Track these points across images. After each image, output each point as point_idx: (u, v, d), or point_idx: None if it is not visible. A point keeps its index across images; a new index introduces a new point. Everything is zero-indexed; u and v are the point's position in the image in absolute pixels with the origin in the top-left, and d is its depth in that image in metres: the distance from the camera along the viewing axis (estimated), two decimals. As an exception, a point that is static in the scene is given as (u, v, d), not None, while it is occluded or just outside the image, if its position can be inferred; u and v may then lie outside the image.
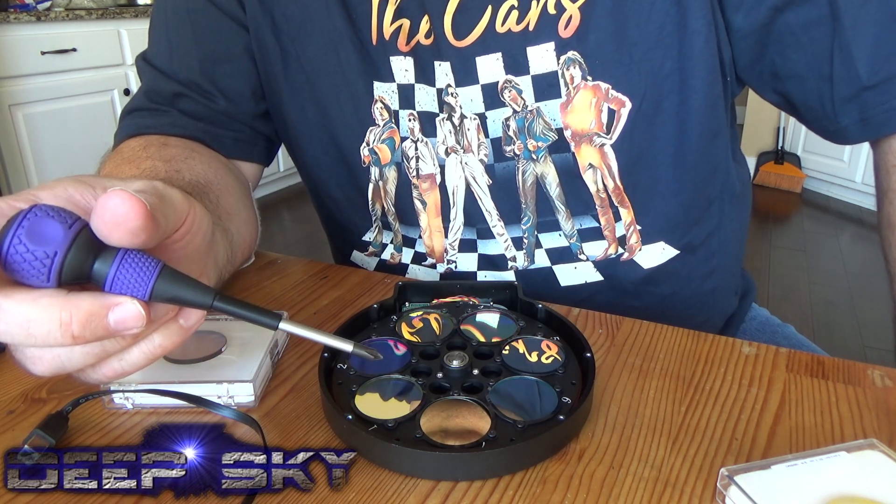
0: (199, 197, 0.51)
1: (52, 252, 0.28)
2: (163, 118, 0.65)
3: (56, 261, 0.28)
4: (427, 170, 0.64)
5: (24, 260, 0.28)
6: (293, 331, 0.34)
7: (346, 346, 0.36)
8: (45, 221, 0.28)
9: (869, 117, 0.55)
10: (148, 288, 0.30)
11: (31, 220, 0.28)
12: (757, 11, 0.55)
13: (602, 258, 0.64)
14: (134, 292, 0.30)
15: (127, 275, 0.30)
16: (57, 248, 0.28)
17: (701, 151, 0.61)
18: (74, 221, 0.29)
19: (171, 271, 0.31)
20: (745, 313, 0.80)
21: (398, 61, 0.61)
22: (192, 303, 0.32)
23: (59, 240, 0.28)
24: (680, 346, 0.51)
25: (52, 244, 0.28)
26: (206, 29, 0.65)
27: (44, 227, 0.28)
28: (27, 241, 0.28)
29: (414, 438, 0.38)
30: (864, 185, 3.40)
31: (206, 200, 0.52)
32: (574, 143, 0.59)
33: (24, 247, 0.28)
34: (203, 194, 0.52)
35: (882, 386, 0.46)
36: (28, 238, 0.28)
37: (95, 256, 0.30)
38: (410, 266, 0.70)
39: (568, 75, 0.57)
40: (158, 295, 0.31)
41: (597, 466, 0.38)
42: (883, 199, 0.60)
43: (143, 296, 0.30)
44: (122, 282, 0.30)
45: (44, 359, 0.31)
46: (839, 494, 0.33)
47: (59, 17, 2.73)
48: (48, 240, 0.28)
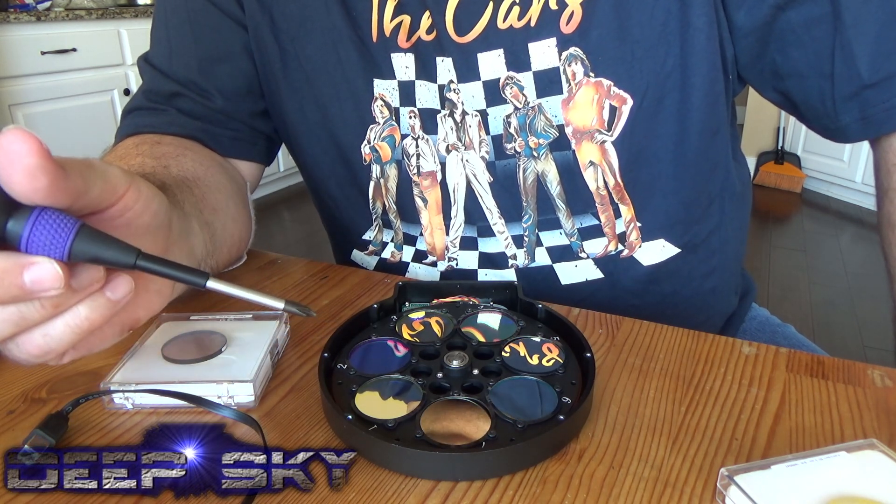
0: (181, 189, 0.51)
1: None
2: (161, 117, 0.65)
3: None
4: (428, 167, 0.64)
5: None
6: (221, 289, 0.33)
7: (277, 304, 0.34)
8: None
9: (870, 115, 0.55)
10: (66, 247, 0.29)
11: None
12: (759, 9, 0.55)
13: (602, 255, 0.64)
14: (51, 252, 0.28)
15: (43, 234, 0.28)
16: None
17: (701, 149, 0.61)
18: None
19: (90, 230, 0.29)
20: (745, 313, 0.80)
21: (399, 58, 0.61)
22: (113, 262, 0.30)
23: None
24: (680, 346, 0.51)
25: None
26: (205, 28, 0.65)
27: None
28: None
29: (414, 438, 0.38)
30: (864, 185, 3.40)
31: (189, 193, 0.52)
32: (575, 141, 0.59)
33: None
34: (186, 188, 0.52)
35: (882, 386, 0.46)
36: None
37: (8, 216, 0.28)
38: (411, 264, 0.70)
39: (570, 71, 0.57)
40: (77, 255, 0.29)
41: (597, 466, 0.38)
42: (883, 199, 0.60)
43: (62, 256, 0.29)
44: (38, 241, 0.28)
45: None
46: (839, 494, 0.33)
47: (59, 17, 2.73)
48: None
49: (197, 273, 0.32)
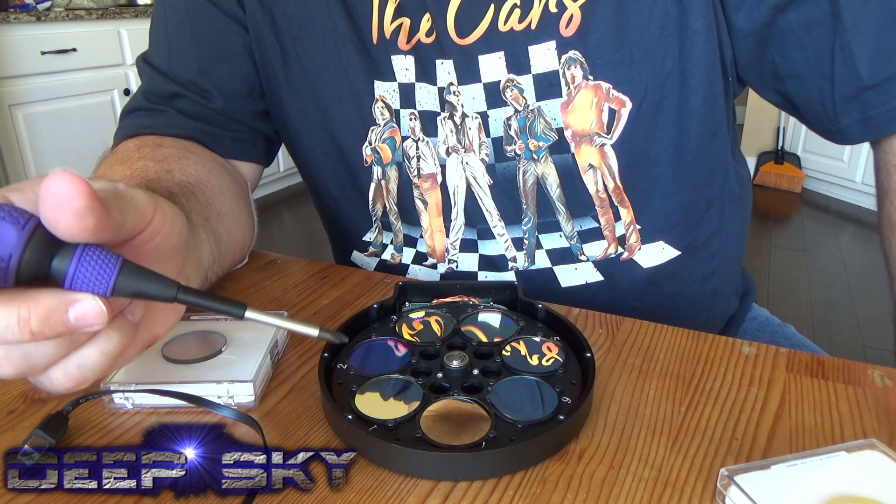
0: (187, 197, 0.51)
1: (6, 255, 0.27)
2: (161, 118, 0.65)
3: (12, 264, 0.27)
4: (428, 169, 0.64)
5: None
6: (259, 319, 0.34)
7: (311, 332, 0.35)
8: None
9: (870, 117, 0.55)
10: (109, 284, 0.29)
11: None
12: (758, 11, 0.54)
13: (602, 258, 0.64)
14: (94, 289, 0.29)
15: (86, 271, 0.29)
16: (11, 250, 0.27)
17: (700, 151, 0.61)
18: (27, 220, 0.28)
19: (132, 266, 0.30)
20: (746, 313, 0.80)
21: (399, 60, 0.61)
22: (153, 296, 0.31)
23: (12, 242, 0.27)
24: (680, 347, 0.51)
25: (5, 247, 0.27)
26: (205, 28, 0.65)
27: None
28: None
29: (414, 438, 0.38)
30: (864, 185, 3.40)
31: (195, 201, 0.52)
32: (574, 144, 0.59)
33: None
34: (191, 195, 0.52)
35: (882, 386, 0.46)
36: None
37: (53, 254, 0.29)
38: (411, 266, 0.70)
39: (569, 74, 0.57)
40: (120, 290, 0.30)
41: (597, 466, 0.38)
42: (883, 199, 0.60)
43: (105, 292, 0.29)
44: (83, 279, 0.29)
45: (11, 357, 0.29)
46: (839, 494, 0.33)
47: (59, 17, 2.73)
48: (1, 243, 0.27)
49: (235, 304, 0.33)
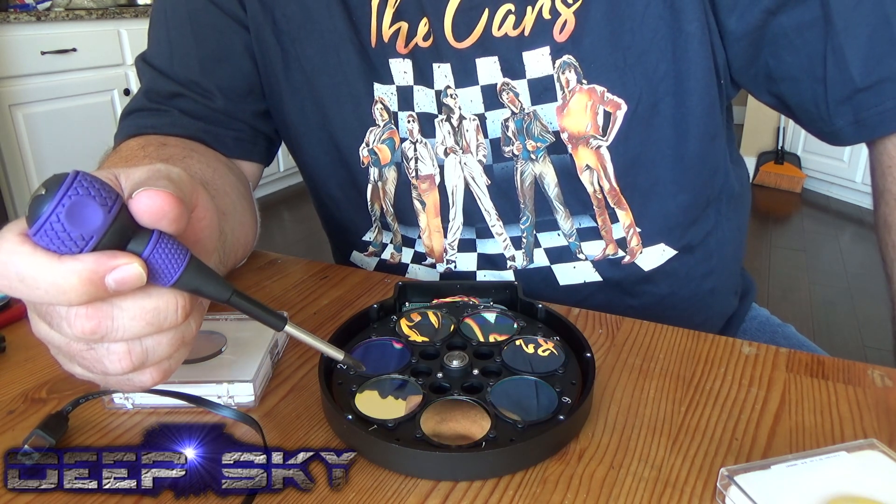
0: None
1: (88, 236, 0.28)
2: (163, 118, 0.65)
3: (91, 243, 0.28)
4: (426, 170, 0.64)
5: (59, 238, 0.28)
6: (294, 334, 0.36)
7: (337, 355, 0.38)
8: (86, 203, 0.28)
9: (863, 119, 0.55)
10: (175, 276, 0.31)
11: (73, 198, 0.27)
12: (750, 14, 0.55)
13: (601, 258, 0.64)
14: (160, 280, 0.30)
15: (159, 260, 0.30)
16: (94, 233, 0.28)
17: (699, 154, 0.61)
18: (114, 202, 0.28)
19: (197, 262, 0.31)
20: (746, 313, 0.80)
21: (397, 63, 0.61)
22: (209, 295, 0.32)
23: (97, 225, 0.28)
24: (680, 346, 0.51)
25: (89, 228, 0.28)
26: (206, 28, 0.65)
27: (84, 209, 0.28)
28: (66, 221, 0.27)
29: (414, 438, 0.38)
30: (864, 185, 3.40)
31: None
32: (571, 145, 0.60)
33: (61, 226, 0.27)
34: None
35: (882, 386, 0.46)
36: (67, 219, 0.27)
37: (130, 238, 0.29)
38: (410, 266, 0.70)
39: (563, 79, 0.57)
40: (182, 284, 0.31)
41: (597, 466, 0.38)
42: (879, 201, 0.60)
43: (168, 282, 0.31)
44: (154, 266, 0.30)
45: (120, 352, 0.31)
46: (839, 494, 0.33)
47: (59, 17, 2.73)
48: (86, 223, 0.28)
49: (277, 315, 0.36)
